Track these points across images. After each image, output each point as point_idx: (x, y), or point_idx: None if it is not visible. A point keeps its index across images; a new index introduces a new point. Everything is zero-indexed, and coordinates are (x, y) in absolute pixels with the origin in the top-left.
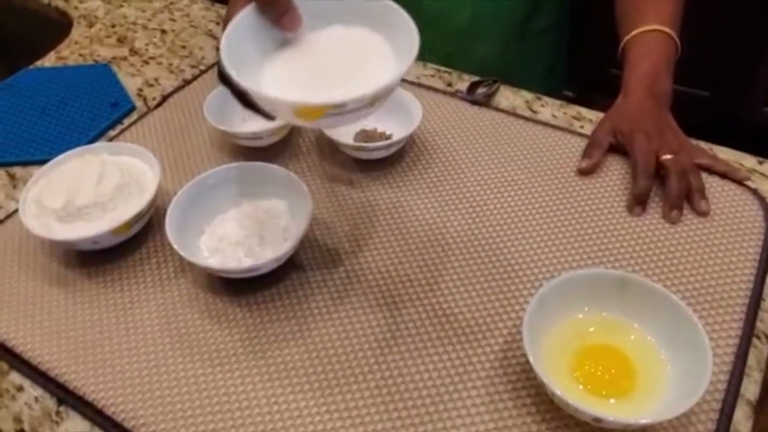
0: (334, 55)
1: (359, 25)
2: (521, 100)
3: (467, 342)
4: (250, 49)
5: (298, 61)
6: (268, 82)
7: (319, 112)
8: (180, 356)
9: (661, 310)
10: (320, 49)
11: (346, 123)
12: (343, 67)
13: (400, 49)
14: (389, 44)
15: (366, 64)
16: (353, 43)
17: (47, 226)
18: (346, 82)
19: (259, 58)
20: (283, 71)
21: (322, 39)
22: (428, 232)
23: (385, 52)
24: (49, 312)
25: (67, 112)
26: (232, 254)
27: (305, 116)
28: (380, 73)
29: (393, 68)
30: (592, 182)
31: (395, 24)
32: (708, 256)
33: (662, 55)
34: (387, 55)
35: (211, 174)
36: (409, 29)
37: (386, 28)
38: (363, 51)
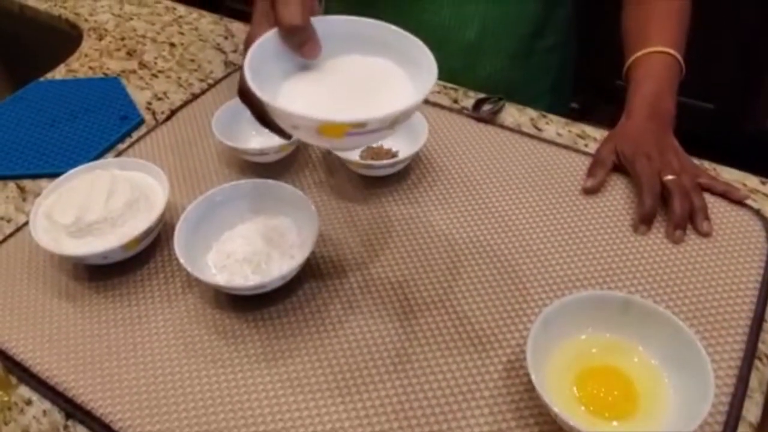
0: (354, 80)
1: (377, 55)
2: (526, 117)
3: (471, 360)
4: (271, 70)
5: (318, 83)
6: (288, 102)
7: (342, 130)
8: (187, 371)
9: (664, 332)
10: (340, 74)
11: (365, 143)
12: (362, 91)
13: (416, 77)
14: (406, 73)
15: (384, 89)
16: (371, 70)
17: (58, 241)
18: (366, 105)
19: (279, 80)
20: (303, 92)
21: (342, 65)
22: (433, 250)
23: (401, 79)
24: (58, 326)
25: (77, 125)
26: (239, 271)
27: (328, 134)
28: (398, 97)
29: (409, 94)
30: (596, 201)
31: (412, 54)
32: (710, 277)
33: (666, 77)
34: (403, 82)
35: (218, 191)
36: (427, 59)
37: (404, 57)
38: (381, 77)
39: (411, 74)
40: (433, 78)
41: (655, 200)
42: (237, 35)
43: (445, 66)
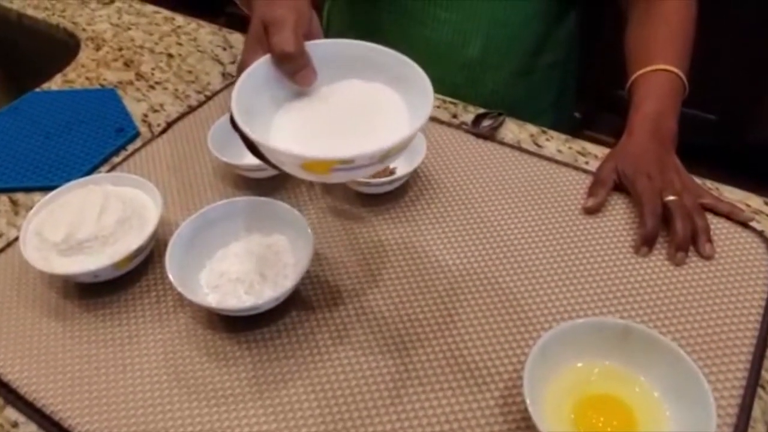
0: (347, 108)
1: (376, 81)
2: (526, 133)
3: (467, 386)
4: (263, 99)
5: (310, 114)
6: (277, 133)
7: (327, 166)
8: (177, 395)
9: (665, 361)
10: (334, 102)
11: (355, 178)
12: (355, 121)
13: (414, 106)
14: (404, 101)
15: (379, 119)
16: (367, 98)
17: (48, 259)
18: (357, 136)
19: (271, 108)
20: (294, 123)
21: (337, 92)
22: (429, 269)
23: (399, 108)
24: (47, 345)
25: (72, 137)
26: (232, 291)
27: (313, 170)
28: (392, 128)
29: (405, 125)
30: (596, 221)
31: (411, 81)
32: (713, 301)
33: (668, 96)
34: (401, 111)
35: (212, 208)
36: (424, 87)
37: (402, 84)
38: (377, 106)
39: (408, 102)
40: (428, 110)
41: (656, 221)
42: (236, 46)
43: (447, 82)
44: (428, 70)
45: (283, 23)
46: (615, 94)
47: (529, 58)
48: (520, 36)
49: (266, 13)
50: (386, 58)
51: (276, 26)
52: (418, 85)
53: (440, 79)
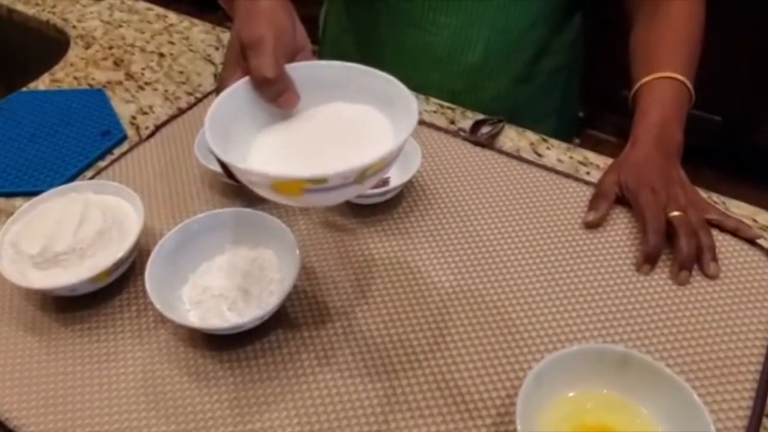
0: (330, 130)
1: (360, 103)
2: (526, 141)
3: (458, 413)
4: (242, 121)
5: (291, 135)
6: (255, 155)
7: (298, 186)
8: (154, 417)
9: (665, 392)
10: (316, 124)
11: (333, 201)
12: (336, 142)
13: (400, 126)
14: (390, 121)
15: (362, 140)
16: (351, 120)
17: (23, 273)
18: (337, 157)
19: (251, 130)
20: (273, 144)
21: (320, 114)
22: (422, 286)
23: (384, 129)
24: (21, 362)
25: (57, 139)
26: (214, 308)
27: (284, 191)
28: (374, 147)
29: (388, 144)
30: (597, 235)
31: (396, 100)
32: (716, 324)
33: (674, 105)
34: (386, 132)
35: (195, 220)
36: (409, 108)
37: (388, 105)
38: (361, 127)
39: (395, 122)
40: (409, 129)
41: (660, 238)
42: None
43: (447, 88)
44: (427, 76)
45: (261, 45)
46: (618, 93)
47: (530, 64)
48: (522, 41)
49: (245, 32)
50: (370, 79)
51: (255, 49)
52: (403, 104)
53: (439, 85)
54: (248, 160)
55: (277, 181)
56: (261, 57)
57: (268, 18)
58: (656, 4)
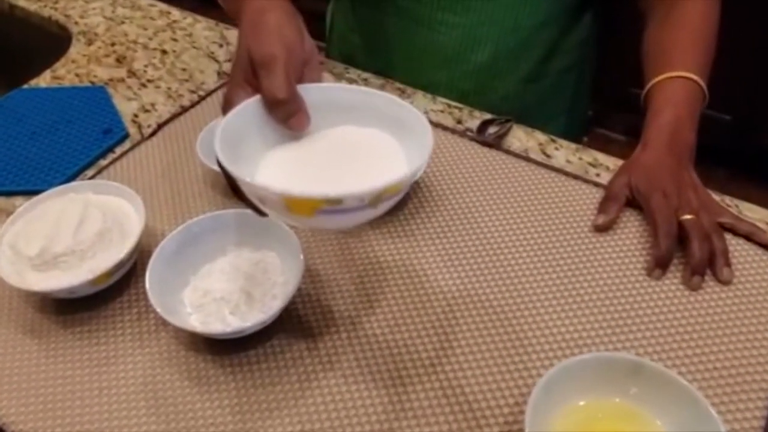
0: (341, 151)
1: (372, 126)
2: (534, 141)
3: (465, 421)
4: (251, 140)
5: (301, 155)
6: (263, 173)
7: (312, 206)
8: (154, 422)
9: (678, 401)
10: (327, 145)
11: (347, 224)
12: (348, 163)
13: (411, 150)
14: (401, 146)
15: (373, 163)
16: (362, 142)
17: (21, 274)
18: (349, 178)
19: (260, 150)
20: (283, 163)
21: (330, 136)
22: (428, 290)
23: (395, 152)
24: (20, 365)
25: (58, 137)
26: (216, 311)
27: (297, 210)
28: (387, 172)
29: (401, 168)
30: (606, 239)
31: (409, 125)
32: (730, 330)
33: (686, 105)
34: (397, 155)
35: (196, 222)
36: (423, 131)
37: (400, 129)
38: (372, 150)
39: (406, 147)
40: (426, 153)
41: (671, 242)
42: (232, 42)
43: (455, 88)
44: (435, 76)
45: (273, 65)
46: (628, 91)
47: (540, 64)
48: (532, 41)
49: (255, 49)
50: (383, 102)
51: (266, 68)
52: (417, 129)
53: (448, 85)
54: (258, 178)
55: (291, 199)
56: (273, 77)
57: (278, 34)
58: (670, 4)
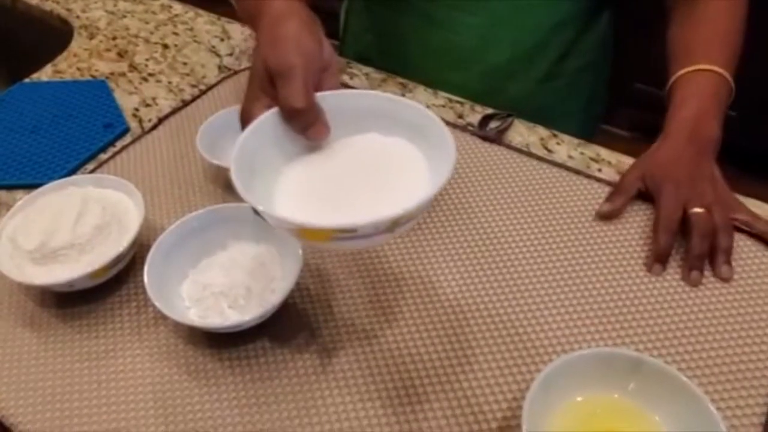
0: (361, 167)
1: (393, 135)
2: (536, 136)
3: (462, 416)
4: (270, 154)
5: (319, 172)
6: (280, 193)
7: (327, 234)
8: (153, 416)
9: (677, 397)
10: (347, 159)
11: (363, 247)
12: (367, 182)
13: (435, 163)
14: (425, 157)
15: (395, 180)
16: (384, 155)
17: (21, 268)
18: (367, 200)
19: (279, 164)
20: (300, 182)
21: (352, 147)
22: (427, 284)
23: (418, 165)
24: (19, 359)
25: (59, 131)
26: (214, 305)
27: (311, 238)
28: (409, 191)
29: (424, 186)
30: (608, 234)
31: (432, 135)
32: (731, 327)
33: (712, 98)
34: (420, 169)
35: (195, 216)
36: (447, 147)
37: (423, 138)
38: (393, 164)
39: (429, 158)
40: (448, 171)
41: (669, 237)
42: (234, 37)
43: (469, 89)
44: (449, 76)
45: (291, 74)
46: (632, 87)
47: (556, 64)
48: (549, 42)
49: (271, 58)
50: (402, 108)
51: (284, 78)
52: (440, 141)
53: (462, 85)
54: (274, 199)
55: (304, 229)
56: (290, 87)
57: (296, 44)
58: (695, 1)
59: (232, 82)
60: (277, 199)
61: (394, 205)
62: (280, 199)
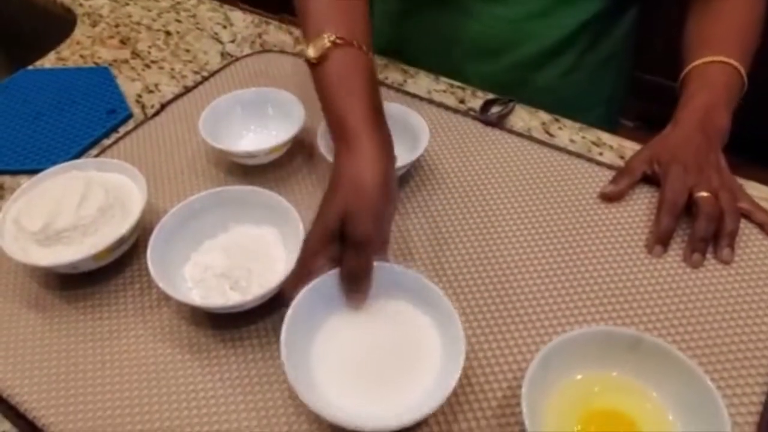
0: (387, 345)
1: (426, 314)
2: (537, 121)
3: (463, 395)
4: (313, 310)
5: (353, 340)
6: (319, 359)
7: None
8: (156, 395)
9: (678, 377)
10: (379, 332)
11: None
12: (391, 363)
13: (449, 346)
14: (441, 338)
15: (411, 368)
16: (411, 336)
17: (25, 250)
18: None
19: (319, 320)
20: (337, 347)
21: (383, 314)
22: (429, 266)
23: (436, 347)
24: (24, 339)
25: (63, 117)
26: (216, 286)
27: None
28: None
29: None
30: (610, 217)
31: (449, 320)
32: (732, 308)
33: (724, 89)
34: (437, 350)
35: (197, 199)
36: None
37: (443, 321)
38: (415, 348)
39: (444, 340)
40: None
41: (672, 220)
42: (236, 24)
43: (497, 80)
44: (477, 68)
45: (367, 248)
46: (637, 77)
47: (581, 56)
48: (578, 35)
49: (354, 228)
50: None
51: (359, 248)
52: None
53: (489, 77)
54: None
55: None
56: (361, 260)
57: (378, 211)
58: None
59: (234, 68)
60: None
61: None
62: (317, 364)
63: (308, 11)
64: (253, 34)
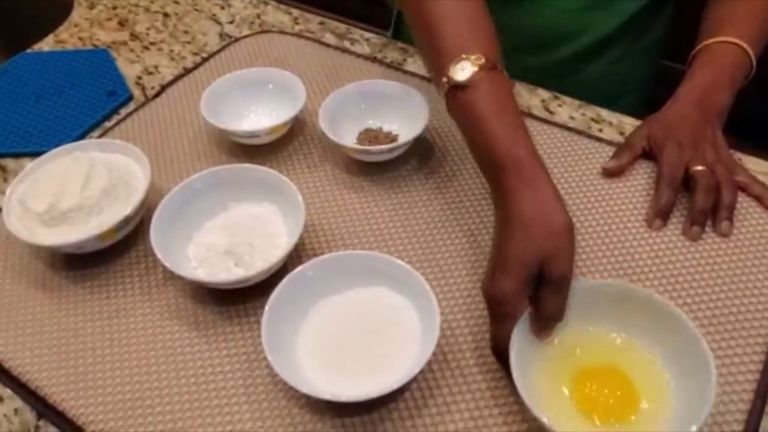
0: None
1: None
2: (537, 99)
3: (454, 360)
4: (293, 301)
5: (329, 329)
6: (299, 344)
7: None
8: (164, 371)
9: (664, 325)
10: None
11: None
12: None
13: (425, 323)
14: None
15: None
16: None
17: (31, 230)
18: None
19: (297, 311)
20: (314, 338)
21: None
22: (430, 242)
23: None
24: (33, 318)
25: (63, 100)
26: (220, 264)
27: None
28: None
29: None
30: (611, 191)
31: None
32: (730, 280)
33: (728, 68)
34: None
35: (198, 178)
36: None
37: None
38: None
39: (422, 320)
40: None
41: (672, 193)
42: (234, 5)
43: (551, 72)
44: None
45: (565, 287)
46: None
47: (633, 43)
48: (629, 26)
49: (553, 265)
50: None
51: (559, 288)
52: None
53: (543, 69)
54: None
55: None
56: (560, 298)
57: (573, 250)
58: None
59: (233, 49)
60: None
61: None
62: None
63: (444, 31)
64: (252, 15)
